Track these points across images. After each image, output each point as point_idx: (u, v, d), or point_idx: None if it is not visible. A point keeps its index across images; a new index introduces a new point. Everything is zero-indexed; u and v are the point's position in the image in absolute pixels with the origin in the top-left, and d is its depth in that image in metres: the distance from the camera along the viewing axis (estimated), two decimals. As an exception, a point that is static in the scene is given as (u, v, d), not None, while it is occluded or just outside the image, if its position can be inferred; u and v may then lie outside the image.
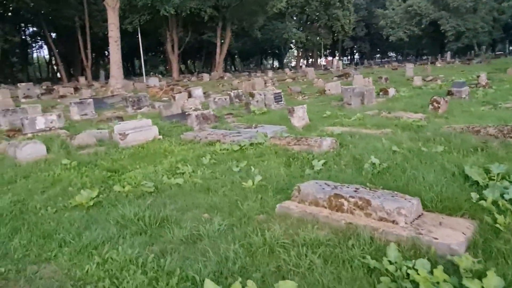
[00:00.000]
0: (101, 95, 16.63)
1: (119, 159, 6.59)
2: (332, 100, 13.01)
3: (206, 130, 8.36)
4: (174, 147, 7.29)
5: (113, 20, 17.69)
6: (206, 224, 3.57)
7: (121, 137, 7.76)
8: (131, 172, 5.68)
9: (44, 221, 3.90)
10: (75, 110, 11.98)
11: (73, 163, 6.11)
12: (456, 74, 21.05)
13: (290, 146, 6.44)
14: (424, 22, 42.20)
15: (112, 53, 18.01)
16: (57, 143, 7.23)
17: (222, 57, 33.95)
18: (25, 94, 17.50)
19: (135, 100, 13.50)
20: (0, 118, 10.60)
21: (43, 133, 9.00)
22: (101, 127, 9.21)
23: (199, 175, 5.26)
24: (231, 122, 10.25)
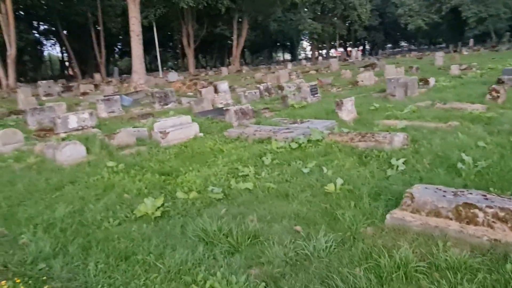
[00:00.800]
0: (124, 92, 16.19)
1: (165, 160, 6.06)
2: (369, 92, 12.31)
3: (250, 126, 7.79)
4: (221, 145, 6.75)
5: (134, 14, 17.15)
6: (308, 240, 3.01)
7: (162, 135, 7.24)
8: (186, 175, 5.15)
9: (112, 236, 3.38)
10: (102, 107, 11.52)
11: (119, 165, 5.60)
12: (489, 62, 20.07)
13: (354, 142, 5.83)
14: (444, 9, 40.83)
15: (134, 48, 17.49)
16: (97, 144, 6.73)
17: (239, 50, 33.28)
18: (46, 92, 17.15)
19: (162, 96, 12.99)
20: (28, 118, 10.18)
21: (76, 132, 8.54)
22: (136, 125, 8.71)
23: (265, 178, 4.71)
24: (269, 117, 9.66)
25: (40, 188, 4.92)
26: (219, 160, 5.73)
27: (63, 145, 6.24)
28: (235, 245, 3.05)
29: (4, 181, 5.29)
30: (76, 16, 39.83)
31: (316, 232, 3.16)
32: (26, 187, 4.98)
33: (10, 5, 24.25)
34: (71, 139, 7.63)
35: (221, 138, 7.39)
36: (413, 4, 42.23)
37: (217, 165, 5.49)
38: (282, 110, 10.14)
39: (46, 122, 10.38)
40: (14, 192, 4.83)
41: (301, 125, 7.64)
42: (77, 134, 8.42)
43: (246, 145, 6.62)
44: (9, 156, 6.79)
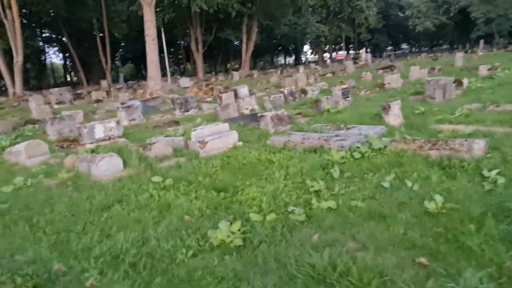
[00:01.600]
0: (140, 98, 15.65)
1: (212, 173, 5.49)
2: (401, 94, 11.75)
3: (294, 133, 7.21)
4: (267, 155, 6.17)
5: (149, 17, 16.63)
6: (449, 278, 2.43)
7: (200, 145, 6.67)
8: (244, 190, 4.58)
9: (195, 274, 2.80)
10: (123, 115, 10.97)
11: (167, 181, 5.03)
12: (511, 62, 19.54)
13: (424, 151, 5.26)
14: (452, 10, 40.42)
15: (150, 53, 16.95)
16: (135, 156, 6.16)
17: (249, 54, 32.78)
18: (58, 100, 16.62)
19: (183, 102, 12.44)
20: (47, 127, 9.63)
21: (103, 142, 7.97)
22: (167, 133, 8.14)
23: (343, 194, 4.13)
24: (304, 122, 9.10)
25: (84, 209, 4.35)
26: (275, 173, 5.15)
27: (99, 158, 5.67)
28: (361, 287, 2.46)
29: (41, 201, 4.71)
30: (81, 22, 39.46)
31: (447, 265, 2.60)
32: (68, 208, 4.41)
33: (17, 12, 23.83)
34: (100, 150, 7.10)
35: (264, 147, 6.83)
36: (421, 6, 41.83)
37: (276, 179, 4.91)
38: (317, 115, 9.57)
39: (66, 132, 9.85)
40: (56, 214, 4.25)
41: (349, 132, 7.06)
42: (104, 144, 7.87)
43: (297, 154, 6.05)
44: (37, 171, 6.23)
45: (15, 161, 7.21)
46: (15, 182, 5.54)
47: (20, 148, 7.21)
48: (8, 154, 7.61)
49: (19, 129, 11.21)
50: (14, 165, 7.04)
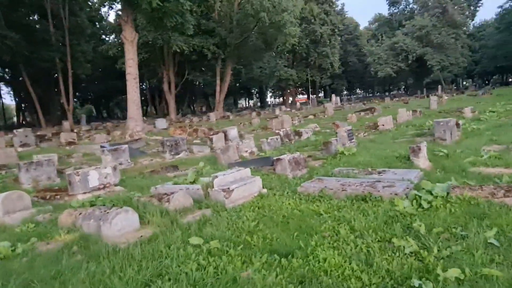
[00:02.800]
0: (118, 140, 14.32)
1: (256, 230, 4.55)
2: (402, 135, 11.53)
3: (327, 179, 6.45)
4: (309, 205, 5.34)
5: (131, 56, 15.75)
6: None
7: (226, 194, 5.71)
8: (316, 254, 3.68)
9: None
10: (109, 159, 9.72)
11: (211, 243, 4.00)
12: (481, 105, 20.49)
13: (497, 198, 4.68)
14: (410, 58, 43.25)
15: (131, 92, 15.86)
16: (153, 210, 5.06)
17: (223, 96, 32.40)
18: (22, 142, 14.87)
19: (173, 144, 11.40)
20: (21, 174, 8.18)
21: (98, 192, 6.74)
22: (176, 181, 7.07)
23: (453, 258, 3.35)
24: (318, 166, 8.42)
25: (115, 290, 3.21)
26: (339, 229, 4.29)
27: (113, 214, 4.53)
28: None
29: (47, 278, 3.50)
30: (42, 61, 37.53)
31: None
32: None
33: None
34: (98, 202, 5.91)
35: (295, 195, 6.00)
36: (381, 53, 44.45)
37: (344, 237, 4.05)
38: (329, 158, 8.93)
39: (43, 179, 8.44)
40: (78, 300, 3.08)
41: (384, 177, 6.42)
42: (100, 194, 6.63)
43: (344, 204, 5.25)
44: (25, 232, 4.93)
45: (-12, 218, 5.79)
46: None
47: (-5, 201, 5.82)
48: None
49: (-19, 175, 9.55)
50: (-12, 223, 5.62)
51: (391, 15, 57.63)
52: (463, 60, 45.43)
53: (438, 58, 42.62)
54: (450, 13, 43.00)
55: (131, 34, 15.55)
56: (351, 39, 67.22)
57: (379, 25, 62.04)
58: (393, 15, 57.23)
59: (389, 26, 58.43)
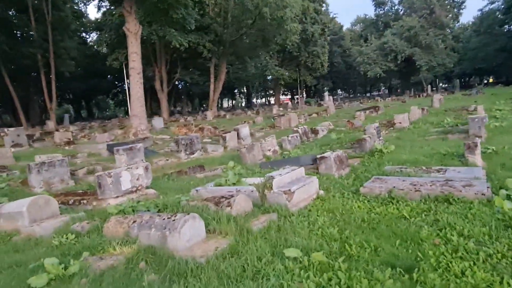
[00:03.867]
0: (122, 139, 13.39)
1: (346, 238, 3.96)
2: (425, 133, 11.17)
3: (389, 178, 5.90)
4: (389, 208, 4.80)
5: (135, 49, 14.77)
6: None
7: (287, 196, 5.08)
8: (438, 267, 3.12)
9: None
10: (124, 158, 8.90)
11: (314, 255, 3.37)
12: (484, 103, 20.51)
13: None
14: (399, 58, 43.59)
15: (134, 88, 14.87)
16: (216, 216, 4.37)
17: (217, 94, 31.53)
18: (14, 142, 13.71)
19: (187, 143, 10.66)
20: (32, 177, 7.29)
21: (130, 195, 5.96)
22: (217, 181, 6.36)
23: None
24: (358, 164, 7.90)
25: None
26: (451, 237, 3.73)
27: (181, 222, 3.83)
28: None
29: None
30: (23, 58, 35.62)
31: None
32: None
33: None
34: (137, 207, 5.17)
35: (358, 197, 5.44)
36: (371, 53, 44.62)
37: (464, 245, 3.49)
38: (366, 156, 8.40)
39: (56, 182, 7.57)
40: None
41: (449, 175, 5.93)
42: (132, 198, 5.87)
43: (424, 206, 4.72)
44: (65, 244, 4.16)
45: (11, 227, 4.96)
46: (47, 268, 3.46)
47: (18, 208, 5.00)
48: (-8, 217, 5.29)
49: (-20, 178, 8.54)
50: (12, 234, 4.79)
51: (377, 16, 58.12)
52: (449, 61, 46.23)
53: (426, 59, 43.18)
54: (437, 14, 43.64)
55: (135, 26, 14.59)
56: (336, 39, 67.43)
57: (365, 26, 62.48)
58: (379, 16, 57.74)
59: (375, 27, 58.92)
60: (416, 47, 43.42)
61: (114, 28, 24.91)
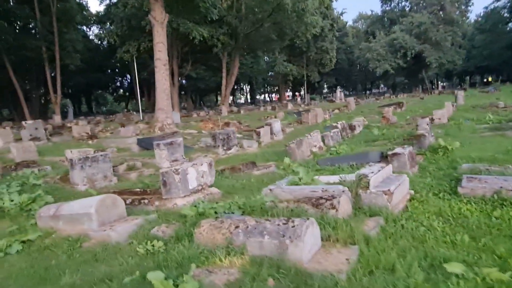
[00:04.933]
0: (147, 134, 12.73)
1: (490, 248, 3.38)
2: (472, 129, 10.62)
3: (485, 178, 5.31)
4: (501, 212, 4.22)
5: (161, 39, 14.03)
6: None
7: (388, 197, 4.50)
8: None
9: None
10: (165, 154, 8.27)
11: (487, 271, 2.79)
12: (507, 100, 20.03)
13: None
14: (409, 54, 43.02)
15: (160, 80, 14.14)
16: (328, 219, 3.78)
17: (229, 89, 30.77)
18: (32, 136, 13.01)
19: (225, 138, 10.05)
20: (75, 173, 6.65)
21: (197, 195, 5.35)
22: (293, 180, 5.75)
23: None
24: (422, 161, 7.32)
25: None
26: None
27: (302, 228, 3.23)
28: None
29: None
30: (26, 50, 34.67)
31: None
32: None
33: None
34: (217, 208, 4.58)
35: (458, 198, 4.88)
36: (380, 49, 44.01)
37: None
38: (429, 153, 7.82)
39: (99, 179, 6.94)
40: None
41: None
42: (199, 198, 5.25)
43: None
44: (154, 253, 3.55)
45: (75, 231, 4.34)
46: (156, 285, 2.85)
47: (84, 209, 4.38)
48: (48, 219, 4.67)
49: (10, 175, 7.88)
50: (79, 239, 4.17)
51: (384, 13, 57.45)
52: (458, 58, 45.77)
53: (436, 56, 42.68)
54: (447, 10, 43.10)
55: (161, 15, 13.81)
56: (341, 36, 66.78)
57: (371, 22, 61.80)
58: (386, 12, 57.06)
59: (381, 23, 58.25)
60: (426, 43, 42.86)
61: (126, 19, 24.13)
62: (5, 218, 5.20)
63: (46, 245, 4.14)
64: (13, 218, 5.20)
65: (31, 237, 4.33)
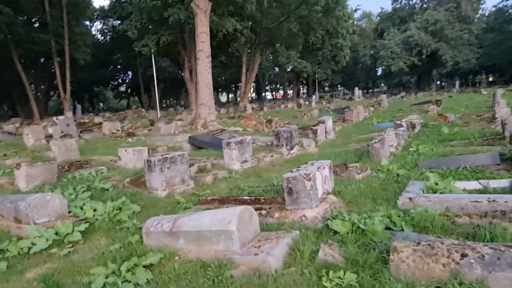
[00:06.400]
0: (189, 131, 11.83)
1: None
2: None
3: None
4: None
5: (204, 28, 13.03)
6: None
7: None
8: None
9: None
10: (235, 154, 7.39)
11: None
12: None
13: None
14: (424, 52, 42.24)
15: (203, 73, 13.16)
16: None
17: (249, 86, 29.82)
18: (64, 132, 12.06)
19: (288, 137, 9.18)
20: (154, 176, 5.77)
21: (324, 205, 4.47)
22: (431, 185, 4.88)
23: None
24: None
25: None
26: None
27: None
28: None
29: None
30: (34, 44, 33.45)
31: None
32: None
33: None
34: (376, 224, 3.71)
35: None
36: (395, 47, 43.19)
37: None
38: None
39: (177, 183, 6.05)
40: None
41: None
42: (325, 209, 4.38)
43: None
44: None
45: (205, 254, 3.45)
46: None
47: (217, 224, 3.49)
48: (161, 236, 3.78)
49: (66, 177, 6.97)
50: (219, 265, 3.27)
51: (394, 10, 56.64)
52: (472, 56, 45.06)
53: (452, 54, 41.93)
54: (463, 7, 42.34)
55: (205, 2, 12.81)
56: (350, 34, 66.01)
57: (381, 20, 60.98)
58: (396, 10, 56.26)
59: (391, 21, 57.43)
60: (442, 41, 42.09)
61: (146, 11, 23.10)
62: (97, 232, 4.30)
63: (178, 272, 3.26)
64: (106, 232, 4.31)
65: (153, 261, 3.45)
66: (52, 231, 4.14)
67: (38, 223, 4.48)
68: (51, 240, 3.99)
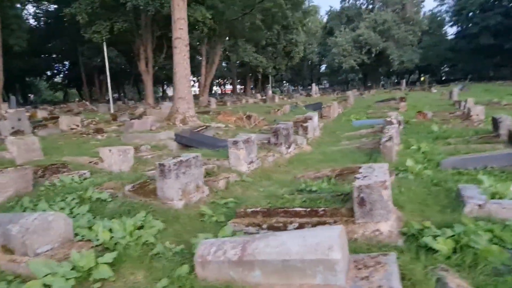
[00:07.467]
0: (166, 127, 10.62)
1: None
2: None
3: None
4: None
5: (183, 14, 11.65)
6: None
7: None
8: None
9: None
10: (243, 154, 6.63)
11: None
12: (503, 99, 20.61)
13: None
14: (373, 51, 43.92)
15: (181, 63, 11.79)
16: None
17: (209, 79, 28.46)
18: (15, 128, 10.24)
19: (286, 135, 8.57)
20: (169, 183, 4.85)
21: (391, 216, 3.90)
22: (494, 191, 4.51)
23: None
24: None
25: None
26: None
27: None
28: None
29: None
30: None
31: None
32: None
33: None
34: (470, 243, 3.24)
35: None
36: (346, 45, 44.36)
37: None
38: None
39: (191, 190, 5.18)
40: None
41: None
42: (397, 225, 3.83)
43: None
44: None
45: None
46: None
47: (314, 251, 2.80)
48: (227, 267, 2.99)
49: (43, 184, 5.70)
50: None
51: (342, 9, 58.34)
52: (416, 56, 47.81)
53: (398, 53, 44.13)
54: (407, 10, 44.66)
55: (182, -15, 11.58)
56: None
57: (330, 18, 62.52)
58: (344, 9, 58.01)
59: (339, 20, 59.10)
60: (389, 41, 44.08)
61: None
62: (126, 262, 3.32)
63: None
64: (137, 262, 3.35)
65: (229, 305, 2.63)
66: (67, 265, 3.10)
67: (39, 253, 3.39)
68: (73, 279, 2.97)
